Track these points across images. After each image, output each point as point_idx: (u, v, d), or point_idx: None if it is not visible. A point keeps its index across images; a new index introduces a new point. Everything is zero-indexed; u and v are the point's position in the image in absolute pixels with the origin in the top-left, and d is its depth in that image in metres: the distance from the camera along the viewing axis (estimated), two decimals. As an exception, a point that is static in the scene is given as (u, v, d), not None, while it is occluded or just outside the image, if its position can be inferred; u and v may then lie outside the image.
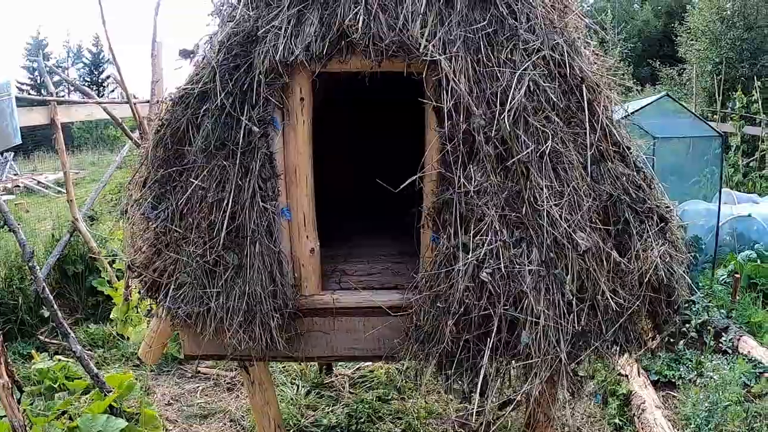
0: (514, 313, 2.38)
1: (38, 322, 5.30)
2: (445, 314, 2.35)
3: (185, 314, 2.48)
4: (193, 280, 2.46)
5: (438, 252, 2.43)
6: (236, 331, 2.46)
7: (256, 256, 2.46)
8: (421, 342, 2.47)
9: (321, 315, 2.73)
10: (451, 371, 2.44)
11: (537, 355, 2.40)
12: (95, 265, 5.60)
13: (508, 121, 2.35)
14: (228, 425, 4.48)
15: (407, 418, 4.27)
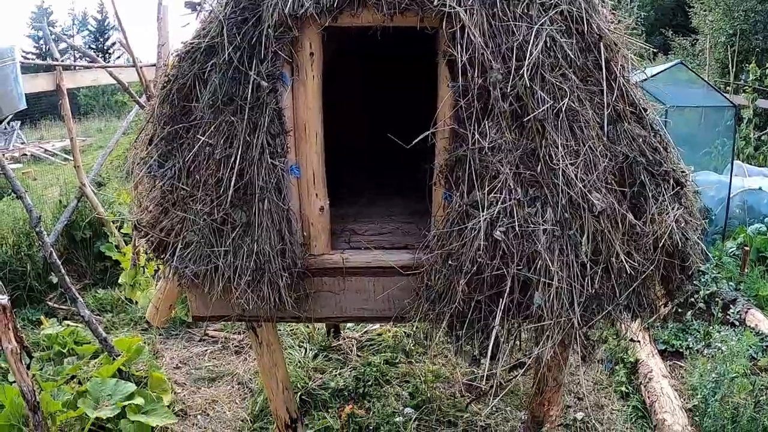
0: (528, 273, 2.32)
1: (47, 289, 5.31)
2: (457, 273, 2.30)
3: (192, 274, 2.44)
4: (200, 238, 2.41)
5: (450, 210, 2.37)
6: (244, 290, 2.42)
7: (264, 214, 2.40)
8: (431, 302, 2.43)
9: (330, 275, 2.69)
10: (461, 332, 2.39)
11: (549, 317, 2.36)
12: (103, 230, 5.58)
13: (526, 76, 2.27)
14: (236, 388, 4.50)
15: (415, 382, 4.27)
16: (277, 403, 3.20)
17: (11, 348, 3.49)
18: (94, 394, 3.90)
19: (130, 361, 4.39)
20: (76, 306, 4.25)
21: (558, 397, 3.20)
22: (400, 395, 4.20)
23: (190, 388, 4.51)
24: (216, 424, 4.15)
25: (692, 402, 3.89)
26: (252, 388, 4.45)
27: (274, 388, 3.17)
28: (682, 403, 3.87)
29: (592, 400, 4.19)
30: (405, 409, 4.02)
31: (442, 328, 2.52)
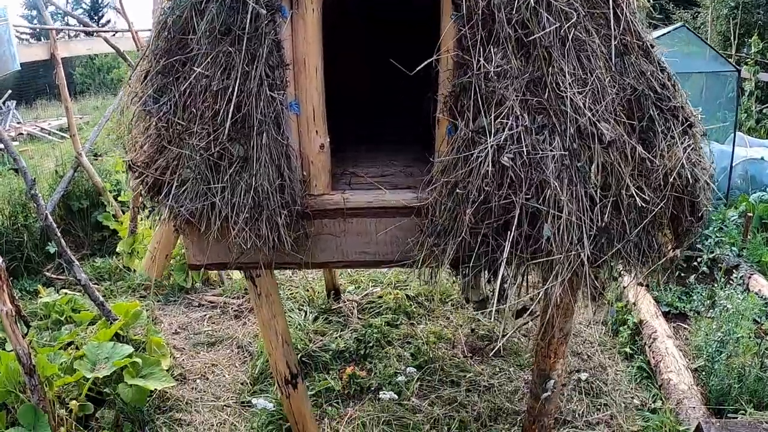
0: (536, 204, 2.25)
1: (44, 259, 5.23)
2: (463, 202, 2.22)
3: (188, 212, 2.36)
4: (196, 175, 2.33)
5: (456, 138, 2.29)
6: (242, 228, 2.35)
7: (263, 149, 2.33)
8: (437, 235, 2.35)
9: (330, 216, 2.61)
10: (468, 267, 2.32)
11: (559, 251, 2.28)
12: (100, 200, 5.50)
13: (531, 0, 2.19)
14: (235, 351, 4.44)
15: (417, 343, 4.22)
16: (277, 357, 3.12)
17: (6, 310, 3.41)
18: (91, 357, 3.84)
19: (128, 325, 4.32)
20: (72, 269, 4.18)
21: (564, 349, 3.13)
22: (401, 356, 4.14)
23: (189, 352, 4.46)
24: (215, 388, 4.10)
25: (697, 362, 3.84)
26: (251, 352, 4.40)
27: (274, 341, 3.09)
28: (687, 364, 3.82)
29: (596, 361, 4.15)
30: (407, 368, 3.97)
31: (447, 265, 2.44)
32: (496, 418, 3.67)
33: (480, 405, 3.74)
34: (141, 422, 3.81)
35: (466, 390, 3.85)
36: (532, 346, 4.20)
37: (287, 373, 3.18)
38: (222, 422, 3.78)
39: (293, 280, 5.11)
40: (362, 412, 3.73)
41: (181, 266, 4.97)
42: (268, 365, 4.15)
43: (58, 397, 3.76)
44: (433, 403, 3.76)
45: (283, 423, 3.63)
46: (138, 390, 3.81)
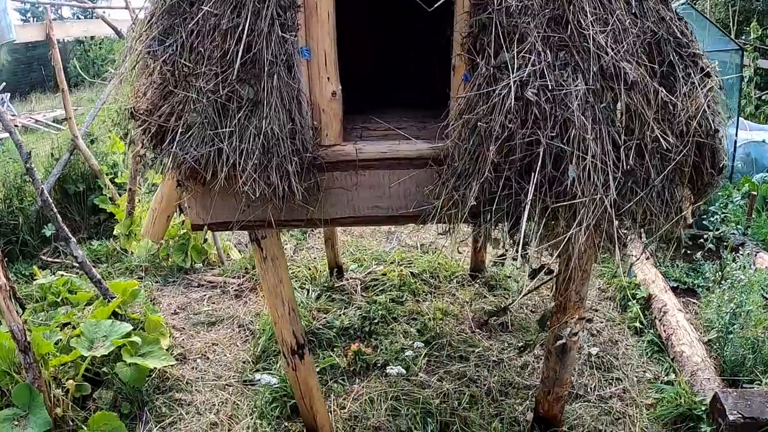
0: (560, 144, 2.14)
1: (40, 243, 5.08)
2: (486, 139, 2.11)
3: (194, 159, 2.23)
4: (203, 119, 2.21)
5: (476, 76, 2.18)
6: (250, 175, 2.22)
7: (273, 91, 2.21)
8: (458, 177, 2.23)
9: (342, 169, 2.49)
10: (491, 212, 2.20)
11: (584, 195, 2.17)
12: (96, 183, 5.35)
13: None
14: (236, 331, 4.31)
15: (423, 319, 4.09)
16: (283, 325, 2.99)
17: (0, 284, 3.28)
18: (89, 336, 3.69)
19: (126, 303, 4.18)
20: (69, 246, 4.03)
21: (580, 313, 3.02)
22: (408, 332, 4.02)
23: (189, 332, 4.32)
24: (216, 367, 3.97)
25: (710, 335, 3.74)
26: (253, 330, 4.26)
27: (280, 308, 2.96)
28: (699, 337, 3.72)
29: (606, 336, 4.04)
30: (415, 343, 3.85)
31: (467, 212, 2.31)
32: (506, 393, 3.55)
33: (490, 380, 3.62)
34: (140, 402, 3.67)
35: (475, 365, 3.73)
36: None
37: (293, 343, 3.04)
38: (224, 401, 3.65)
39: (294, 260, 4.97)
40: (369, 388, 3.60)
41: (180, 246, 4.83)
42: (270, 343, 4.03)
43: (54, 377, 3.61)
44: (441, 378, 3.64)
45: (288, 400, 3.50)
46: (137, 369, 3.66)
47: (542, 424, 3.28)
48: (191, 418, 3.53)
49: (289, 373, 3.15)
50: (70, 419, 3.41)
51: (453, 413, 3.36)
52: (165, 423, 3.49)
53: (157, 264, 4.95)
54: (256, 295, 4.62)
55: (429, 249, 4.91)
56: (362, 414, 3.41)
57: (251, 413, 3.50)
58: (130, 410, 3.60)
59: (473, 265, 4.53)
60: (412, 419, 3.33)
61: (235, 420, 3.49)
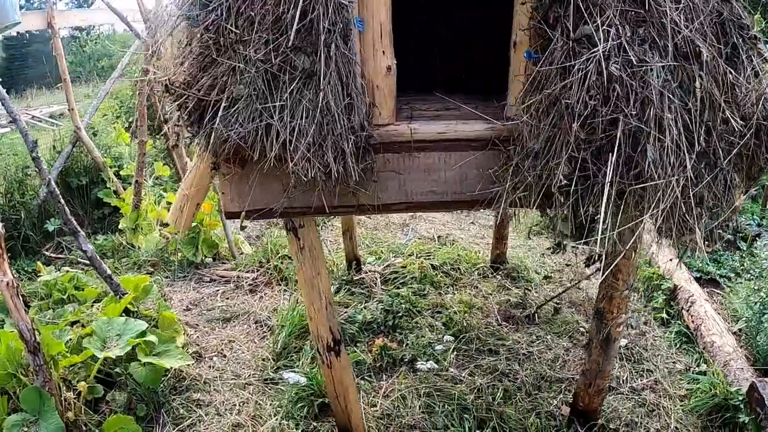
0: (640, 123, 1.89)
1: (42, 239, 4.67)
2: (568, 116, 1.85)
3: (239, 137, 1.92)
4: (251, 91, 1.90)
5: (552, 50, 1.92)
6: (304, 155, 1.92)
7: (330, 62, 1.91)
8: (533, 157, 1.97)
9: (394, 151, 2.21)
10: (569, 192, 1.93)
11: (660, 177, 1.93)
12: (100, 176, 4.96)
13: None
14: (253, 327, 3.98)
15: (447, 312, 3.82)
16: (320, 320, 2.69)
17: (6, 280, 2.92)
18: (101, 335, 3.33)
19: (138, 300, 3.83)
20: (77, 239, 3.67)
21: (626, 303, 2.78)
22: (433, 326, 3.75)
23: (204, 329, 3.98)
24: (234, 365, 3.64)
25: (738, 325, 3.54)
26: (271, 326, 3.94)
27: (317, 303, 2.66)
28: (728, 327, 3.52)
29: (633, 327, 3.81)
30: (445, 337, 3.57)
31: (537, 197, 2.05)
32: (539, 387, 3.30)
33: (522, 373, 3.36)
34: (156, 404, 3.32)
35: (505, 358, 3.47)
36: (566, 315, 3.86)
37: (330, 339, 2.75)
38: (245, 401, 3.33)
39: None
40: (398, 384, 3.32)
41: (190, 240, 4.48)
42: (290, 339, 3.71)
43: (64, 379, 3.26)
44: (473, 373, 3.37)
45: (315, 399, 3.20)
46: (152, 369, 3.32)
47: (581, 418, 3.04)
48: (211, 420, 3.20)
49: (323, 371, 2.85)
50: (83, 423, 3.06)
51: (489, 409, 3.10)
52: (184, 425, 3.16)
53: (165, 259, 4.59)
54: (272, 290, 4.29)
55: (446, 241, 4.64)
56: (395, 412, 3.13)
57: (276, 413, 3.19)
58: (146, 412, 3.26)
59: (494, 256, 4.27)
60: (448, 416, 3.06)
61: (258, 421, 3.17)
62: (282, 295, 4.22)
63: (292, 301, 3.95)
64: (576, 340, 3.65)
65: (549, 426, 3.06)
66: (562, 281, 4.20)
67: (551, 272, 4.31)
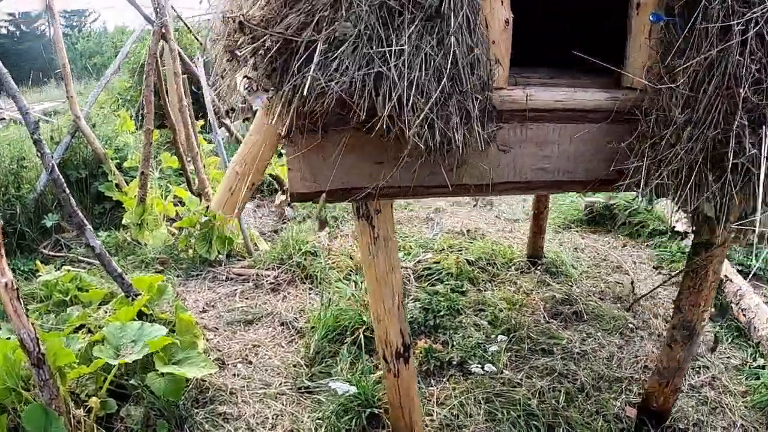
0: None
1: (39, 236, 3.93)
2: (733, 81, 1.39)
3: (342, 88, 1.37)
4: (362, 30, 1.35)
5: (708, 7, 1.46)
6: (427, 115, 1.38)
7: (458, 3, 1.38)
8: (686, 128, 1.49)
9: (506, 120, 1.70)
10: (716, 168, 1.48)
11: None
12: (100, 168, 4.25)
13: None
14: (279, 329, 3.38)
15: (491, 310, 3.31)
16: (390, 322, 2.16)
17: (5, 282, 2.28)
18: (113, 342, 2.69)
19: (152, 302, 3.18)
20: (84, 234, 3.00)
21: (713, 295, 2.35)
22: (479, 325, 3.24)
23: (224, 332, 3.35)
24: (262, 373, 3.03)
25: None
26: (298, 329, 3.35)
27: (389, 302, 2.12)
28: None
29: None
30: (499, 336, 3.06)
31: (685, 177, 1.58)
32: (599, 387, 2.84)
33: (581, 374, 2.90)
34: (178, 419, 2.69)
35: (561, 358, 2.99)
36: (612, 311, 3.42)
37: (399, 344, 2.22)
38: (278, 413, 2.74)
39: (331, 249, 4.07)
40: (451, 390, 2.80)
41: (203, 235, 3.83)
42: (324, 343, 3.14)
43: (72, 392, 2.61)
44: (529, 375, 2.88)
45: (363, 410, 2.64)
46: (173, 380, 2.70)
47: (653, 419, 2.60)
48: (244, 436, 2.61)
49: (388, 380, 2.31)
50: (95, 445, 2.43)
51: (556, 413, 2.62)
52: (213, 443, 2.55)
53: (175, 256, 3.93)
54: (296, 289, 3.70)
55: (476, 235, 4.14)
56: (455, 421, 2.60)
57: (317, 427, 2.62)
58: (168, 429, 2.63)
59: (531, 250, 3.79)
60: (515, 423, 2.56)
61: (297, 435, 2.60)
62: (308, 294, 3.64)
63: (323, 300, 3.37)
64: (627, 337, 3.21)
65: (618, 429, 2.61)
66: (600, 275, 3.76)
67: (588, 267, 3.87)
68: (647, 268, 3.98)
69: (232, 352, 3.20)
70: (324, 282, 3.65)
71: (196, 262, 3.86)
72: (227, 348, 3.23)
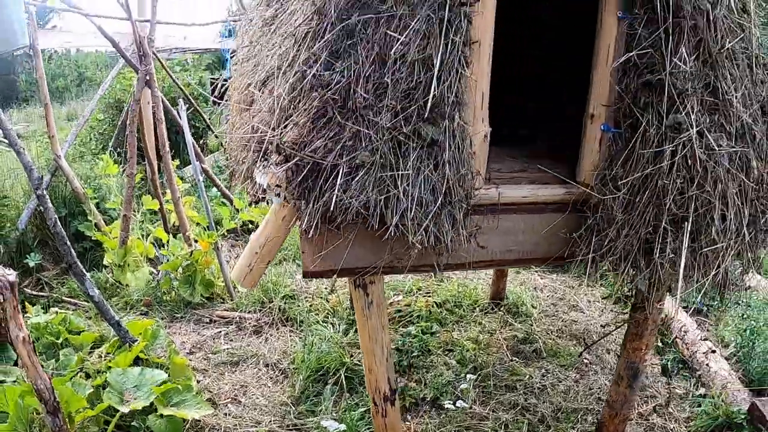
0: (712, 198, 2.07)
1: (22, 274, 4.15)
2: (661, 196, 1.97)
3: (362, 205, 1.85)
4: (378, 159, 1.83)
5: (643, 131, 2.04)
6: (426, 225, 1.88)
7: (449, 133, 1.89)
8: (620, 228, 2.06)
9: (481, 213, 2.22)
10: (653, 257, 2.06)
11: (724, 240, 2.12)
12: (80, 207, 4.52)
13: (717, 13, 2.02)
14: (264, 370, 3.78)
15: (458, 350, 3.82)
16: (380, 372, 2.63)
17: (22, 336, 2.60)
18: (117, 387, 3.05)
19: (148, 347, 3.52)
20: (84, 284, 3.33)
21: (653, 340, 2.95)
22: (448, 364, 3.74)
23: (213, 373, 3.72)
24: (252, 412, 3.42)
25: (728, 351, 3.83)
26: (283, 369, 3.76)
27: (379, 356, 2.59)
28: (720, 353, 3.80)
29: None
30: (468, 375, 3.57)
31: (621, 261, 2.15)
32: (558, 418, 3.39)
33: (541, 407, 3.43)
34: (176, 457, 3.06)
35: (523, 393, 3.53)
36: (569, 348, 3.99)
37: (387, 390, 2.69)
38: (269, 449, 3.15)
39: (307, 291, 4.49)
40: (426, 424, 3.28)
41: (186, 278, 4.19)
42: (308, 383, 3.56)
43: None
44: (495, 409, 3.40)
45: (348, 446, 3.08)
46: (172, 421, 3.08)
47: (605, 446, 3.17)
48: (240, 472, 3.00)
49: (376, 419, 2.78)
50: (104, 486, 2.77)
51: (519, 445, 3.14)
52: (212, 480, 2.94)
53: (158, 298, 4.25)
54: (277, 331, 4.10)
55: (442, 276, 4.65)
56: (431, 454, 3.08)
57: (307, 461, 3.05)
58: (168, 467, 2.99)
59: (494, 292, 4.34)
60: (483, 455, 3.06)
61: (290, 470, 3.01)
62: (289, 336, 4.05)
63: (306, 343, 3.79)
64: (582, 372, 3.79)
65: (574, 457, 3.15)
66: (558, 314, 4.34)
67: (546, 306, 4.45)
68: (600, 306, 4.59)
69: (221, 392, 3.58)
70: (305, 324, 4.06)
71: (180, 304, 4.20)
72: (217, 389, 3.60)
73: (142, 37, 4.23)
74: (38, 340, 3.68)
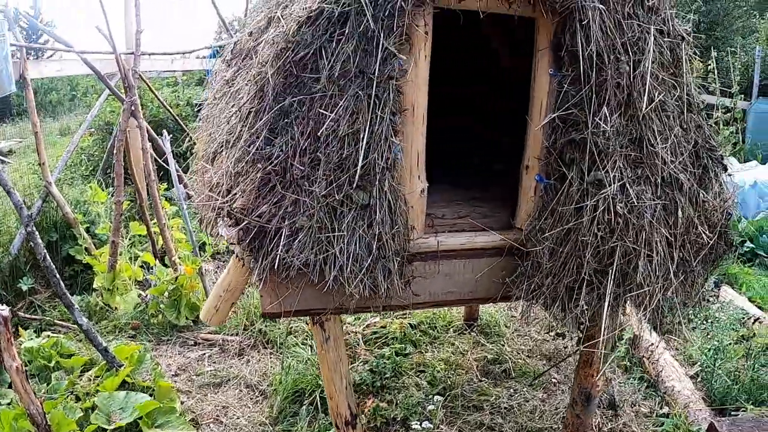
0: (636, 246, 2.31)
1: (14, 297, 4.49)
2: (582, 246, 2.22)
3: (302, 263, 2.13)
4: (314, 223, 2.11)
5: (567, 186, 2.29)
6: (359, 278, 2.15)
7: (382, 195, 2.16)
8: (545, 274, 2.32)
9: (422, 259, 2.47)
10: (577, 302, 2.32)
11: (648, 285, 2.37)
12: (70, 232, 4.85)
13: (642, 69, 2.26)
14: (245, 391, 4.07)
15: (430, 371, 4.09)
16: (340, 399, 2.90)
17: (16, 366, 2.90)
18: (104, 409, 3.38)
19: (134, 371, 3.83)
20: (73, 313, 3.64)
21: (605, 366, 3.20)
22: (419, 385, 4.00)
23: (196, 395, 4.02)
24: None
25: (693, 369, 4.07)
26: (263, 390, 4.05)
27: (338, 384, 2.86)
28: (685, 371, 4.03)
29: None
30: (435, 396, 3.84)
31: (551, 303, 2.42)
32: (522, 439, 3.64)
33: (506, 426, 3.69)
34: (159, 477, 3.37)
35: (489, 413, 3.79)
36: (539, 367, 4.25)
37: (348, 415, 2.97)
38: (247, 467, 3.44)
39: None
40: (394, 444, 3.56)
41: (172, 303, 4.49)
42: (285, 404, 3.85)
43: (65, 457, 3.24)
44: (461, 429, 3.66)
45: (319, 464, 3.37)
46: (155, 442, 3.38)
47: (569, 465, 3.43)
48: (218, 490, 3.29)
49: (340, 444, 3.05)
50: (90, 507, 3.08)
51: (482, 465, 3.40)
52: (191, 498, 3.23)
53: (146, 321, 4.57)
54: (258, 353, 4.39)
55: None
56: (397, 474, 3.36)
57: (282, 480, 3.34)
58: (151, 487, 3.30)
59: (467, 314, 4.61)
60: (446, 475, 3.33)
61: (265, 489, 3.30)
62: (269, 358, 4.34)
63: (284, 366, 4.08)
64: (550, 391, 4.04)
65: (534, 477, 3.41)
66: (530, 333, 4.60)
67: (519, 325, 4.71)
68: (572, 324, 4.84)
69: (204, 413, 3.88)
70: (284, 346, 4.36)
71: (166, 327, 4.50)
72: (200, 409, 3.90)
73: (127, 69, 4.53)
74: (31, 363, 4.01)
